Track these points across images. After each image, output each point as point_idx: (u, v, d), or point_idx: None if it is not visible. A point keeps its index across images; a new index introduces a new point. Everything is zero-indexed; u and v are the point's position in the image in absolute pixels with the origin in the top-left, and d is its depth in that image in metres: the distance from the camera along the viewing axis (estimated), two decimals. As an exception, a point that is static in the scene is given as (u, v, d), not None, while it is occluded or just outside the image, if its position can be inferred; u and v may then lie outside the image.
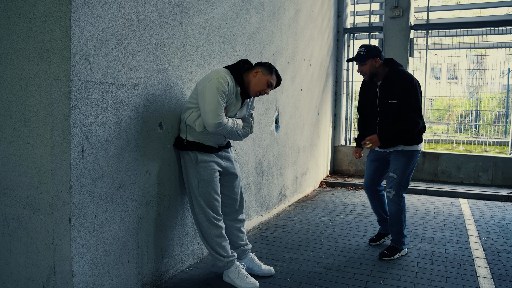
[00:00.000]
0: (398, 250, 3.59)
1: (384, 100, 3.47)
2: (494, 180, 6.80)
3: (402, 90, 3.39)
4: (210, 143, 2.95)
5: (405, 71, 3.50)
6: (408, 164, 3.49)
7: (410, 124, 3.38)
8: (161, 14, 2.84)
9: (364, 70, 3.49)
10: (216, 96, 2.72)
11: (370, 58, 3.44)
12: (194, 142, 2.91)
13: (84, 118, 2.29)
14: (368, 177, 3.81)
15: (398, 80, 3.43)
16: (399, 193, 3.52)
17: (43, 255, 2.37)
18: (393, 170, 3.53)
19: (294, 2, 5.29)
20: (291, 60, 5.27)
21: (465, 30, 7.42)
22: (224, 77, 2.77)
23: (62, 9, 2.21)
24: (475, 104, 9.19)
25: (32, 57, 2.31)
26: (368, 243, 3.95)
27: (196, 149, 2.91)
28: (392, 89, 3.44)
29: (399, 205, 3.53)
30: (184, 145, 2.93)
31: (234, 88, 2.86)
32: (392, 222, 3.61)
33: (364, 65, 3.47)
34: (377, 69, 3.48)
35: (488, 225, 4.69)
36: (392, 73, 3.47)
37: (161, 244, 2.99)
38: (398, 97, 3.40)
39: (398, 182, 3.50)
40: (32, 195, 2.38)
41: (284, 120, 5.12)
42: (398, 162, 3.50)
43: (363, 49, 3.45)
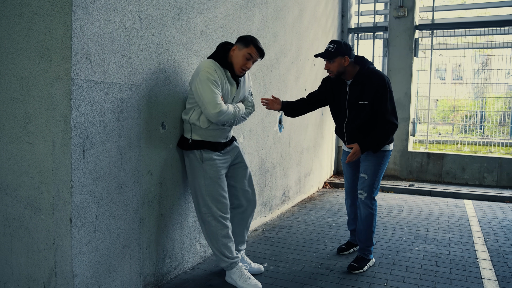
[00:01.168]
0: (367, 260, 3.36)
1: (354, 100, 3.23)
2: (499, 181, 6.74)
3: (376, 91, 3.15)
4: (217, 139, 2.93)
5: (376, 70, 3.25)
6: (380, 164, 3.31)
7: (389, 128, 3.18)
8: (163, 13, 2.83)
9: (332, 69, 3.20)
10: (209, 86, 2.71)
11: (339, 56, 3.16)
12: (200, 141, 2.89)
13: (85, 117, 2.28)
14: (348, 182, 3.61)
15: (370, 81, 3.17)
16: (372, 195, 3.32)
17: (44, 255, 2.36)
18: (363, 171, 3.33)
19: (298, 2, 5.26)
20: (295, 60, 5.25)
21: (471, 30, 7.37)
22: (209, 66, 2.77)
23: (63, 8, 2.19)
24: (480, 105, 9.12)
25: (33, 56, 2.30)
26: (337, 252, 3.71)
27: (201, 147, 2.89)
28: (363, 89, 3.19)
29: (371, 208, 3.33)
30: (189, 144, 2.91)
31: (223, 73, 2.83)
32: (362, 227, 3.37)
33: (333, 62, 3.18)
34: (346, 68, 3.20)
35: (493, 227, 4.64)
36: (363, 72, 3.21)
37: (163, 245, 2.97)
38: (370, 99, 3.16)
39: (370, 183, 3.30)
40: (33, 195, 2.36)
41: (287, 120, 5.09)
42: (368, 163, 3.30)
43: (333, 45, 3.16)
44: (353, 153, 3.21)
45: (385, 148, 3.31)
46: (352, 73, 3.24)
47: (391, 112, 3.20)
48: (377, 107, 3.19)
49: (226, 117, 2.77)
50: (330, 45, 3.20)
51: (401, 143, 7.25)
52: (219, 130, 2.92)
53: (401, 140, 7.25)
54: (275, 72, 4.68)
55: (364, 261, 3.35)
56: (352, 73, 3.24)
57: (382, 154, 3.31)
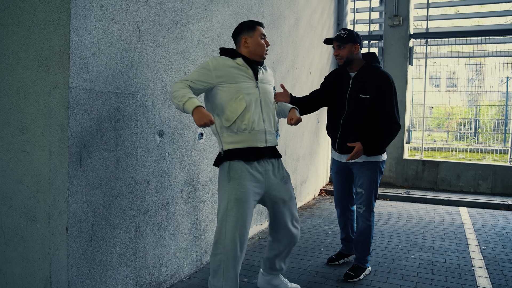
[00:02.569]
0: (363, 269, 3.35)
1: (355, 93, 3.14)
2: (494, 188, 6.78)
3: (377, 87, 3.08)
4: (250, 144, 2.57)
5: (382, 68, 3.20)
6: (374, 177, 3.21)
7: (394, 129, 3.09)
8: (161, 23, 2.84)
9: (342, 54, 3.14)
10: (195, 71, 2.54)
11: (351, 42, 3.12)
12: (230, 150, 2.55)
13: (82, 126, 2.28)
14: (338, 192, 3.50)
15: (374, 76, 3.12)
16: (370, 208, 3.26)
17: (39, 264, 2.35)
18: (359, 185, 3.24)
19: (294, 11, 5.30)
20: (291, 68, 5.28)
21: (464, 39, 7.45)
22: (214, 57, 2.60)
23: (61, 18, 2.20)
24: (474, 112, 9.19)
25: (31, 65, 2.30)
26: (326, 262, 3.64)
27: (231, 157, 2.54)
28: (366, 83, 3.13)
29: (369, 220, 3.27)
30: (221, 157, 2.58)
31: (231, 61, 2.59)
32: (360, 238, 3.32)
33: (343, 48, 3.13)
34: (354, 57, 3.16)
35: (488, 234, 4.66)
36: (368, 66, 3.17)
37: (159, 254, 2.96)
38: (371, 93, 3.08)
39: (367, 197, 3.23)
40: (29, 204, 2.36)
41: (283, 128, 5.11)
42: (363, 176, 3.21)
43: (345, 32, 3.15)
44: (356, 152, 3.04)
45: (377, 159, 3.19)
46: (358, 65, 3.20)
47: (397, 111, 3.12)
48: (379, 103, 3.08)
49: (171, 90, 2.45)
50: (341, 31, 3.17)
51: (396, 151, 7.29)
52: (251, 133, 2.57)
53: (396, 147, 7.29)
54: (271, 80, 4.70)
55: (361, 269, 3.35)
56: (358, 65, 3.20)
57: (375, 165, 3.20)
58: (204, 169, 3.42)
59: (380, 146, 3.10)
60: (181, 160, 3.13)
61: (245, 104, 2.54)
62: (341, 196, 3.50)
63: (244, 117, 2.55)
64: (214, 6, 3.45)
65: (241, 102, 2.54)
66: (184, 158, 3.16)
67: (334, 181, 3.52)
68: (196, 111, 2.30)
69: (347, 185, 3.44)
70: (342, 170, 3.39)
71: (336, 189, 3.51)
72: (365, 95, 3.11)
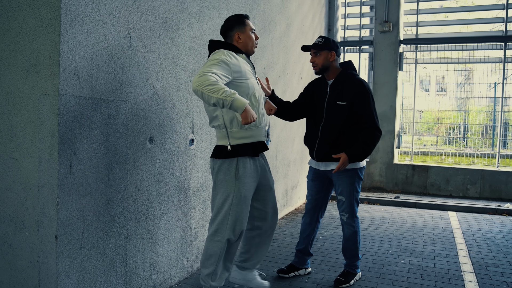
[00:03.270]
0: (353, 275, 3.36)
1: (333, 100, 3.16)
2: (482, 192, 6.86)
3: (355, 93, 3.09)
4: (257, 138, 2.68)
5: (356, 75, 3.22)
6: (354, 184, 3.21)
7: (376, 136, 3.11)
8: (152, 29, 2.84)
9: (317, 61, 3.18)
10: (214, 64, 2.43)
11: (326, 50, 3.15)
12: (239, 145, 2.61)
13: (72, 133, 2.27)
14: (312, 200, 3.42)
15: (350, 83, 3.15)
16: (353, 215, 3.25)
17: (27, 273, 2.32)
18: (339, 193, 3.24)
19: (285, 16, 5.33)
20: (282, 74, 5.30)
21: (453, 45, 7.54)
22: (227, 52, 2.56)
23: (51, 24, 2.19)
24: (463, 117, 9.29)
25: (20, 71, 2.29)
26: (277, 272, 3.50)
27: (241, 153, 2.60)
28: (343, 90, 3.15)
29: (353, 226, 3.27)
30: (227, 152, 2.61)
31: (241, 58, 2.67)
32: (347, 245, 3.32)
33: (319, 55, 3.17)
34: (330, 64, 3.18)
35: (477, 239, 4.71)
36: (345, 74, 3.20)
37: (149, 260, 2.95)
38: (349, 100, 3.10)
39: (349, 204, 3.22)
40: (17, 211, 2.33)
41: (275, 133, 5.12)
42: (342, 183, 3.21)
43: (321, 39, 3.18)
44: (342, 163, 3.05)
45: (355, 166, 3.18)
46: (335, 72, 3.23)
47: (376, 117, 3.14)
48: (358, 109, 3.09)
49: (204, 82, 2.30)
50: (318, 39, 3.21)
51: (386, 155, 7.34)
52: (258, 129, 2.69)
53: (386, 152, 7.34)
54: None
55: (351, 275, 3.36)
56: (335, 72, 3.23)
57: (354, 172, 3.20)
58: (195, 175, 3.41)
59: (365, 154, 3.09)
60: (172, 166, 3.12)
61: (257, 100, 2.67)
62: (315, 204, 3.42)
63: (256, 112, 2.65)
64: (205, 12, 3.46)
65: (254, 99, 2.65)
66: (175, 164, 3.15)
67: (310, 189, 3.44)
68: (247, 108, 2.34)
69: (323, 194, 3.39)
70: (319, 177, 3.36)
71: (311, 197, 3.42)
72: (342, 101, 3.13)
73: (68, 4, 2.20)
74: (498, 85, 7.92)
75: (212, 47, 2.71)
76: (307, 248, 3.49)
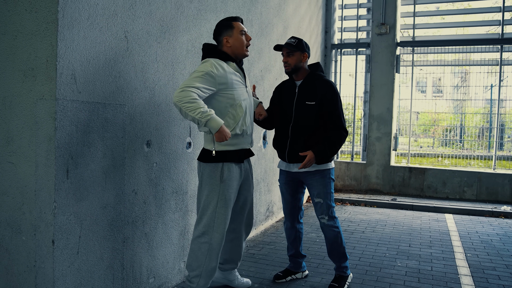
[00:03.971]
0: (345, 277, 3.33)
1: (302, 100, 3.16)
2: (479, 195, 6.88)
3: (324, 94, 3.10)
4: (242, 146, 2.78)
5: (326, 77, 3.25)
6: (328, 184, 3.20)
7: (342, 134, 3.12)
8: (149, 32, 2.84)
9: (290, 62, 3.16)
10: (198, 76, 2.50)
11: (299, 51, 3.15)
12: (224, 152, 2.70)
13: (69, 138, 2.26)
14: (287, 204, 3.39)
15: (320, 83, 3.16)
16: (332, 216, 3.22)
17: (24, 277, 2.31)
18: (316, 195, 3.21)
19: (282, 19, 5.33)
20: (279, 76, 5.30)
21: (450, 48, 7.57)
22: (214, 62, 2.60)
23: (49, 28, 2.19)
24: (459, 119, 9.33)
25: (17, 75, 2.28)
26: (273, 279, 3.48)
27: (225, 159, 2.69)
28: (312, 90, 3.15)
29: (335, 227, 3.23)
30: (212, 156, 2.69)
31: (228, 67, 2.69)
32: (333, 248, 3.28)
33: (292, 56, 3.15)
34: (301, 65, 3.19)
35: (473, 241, 4.72)
36: (314, 75, 3.22)
37: (146, 264, 2.94)
38: (318, 100, 3.10)
39: (326, 206, 3.20)
40: (14, 215, 2.32)
41: (270, 136, 5.12)
42: (317, 185, 3.19)
43: (295, 40, 3.17)
44: (308, 160, 3.05)
45: (328, 166, 3.20)
46: (304, 74, 3.24)
47: (343, 118, 3.17)
48: (327, 109, 3.10)
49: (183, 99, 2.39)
50: (291, 39, 3.20)
51: (383, 158, 7.36)
52: (244, 137, 2.78)
53: (383, 154, 7.35)
54: (260, 88, 4.71)
55: (343, 279, 3.31)
56: (304, 74, 3.24)
57: (326, 173, 3.21)
58: (192, 178, 3.41)
59: (331, 153, 3.10)
60: (169, 170, 3.12)
61: (243, 111, 2.72)
62: (291, 207, 3.39)
63: (242, 122, 2.73)
64: (202, 15, 3.46)
65: (240, 109, 2.70)
66: (172, 167, 3.15)
67: (284, 193, 3.40)
68: (221, 129, 2.47)
69: (297, 196, 3.37)
70: (291, 180, 3.32)
71: (286, 201, 3.40)
72: (311, 101, 3.14)
73: (65, 8, 2.20)
74: (495, 87, 7.96)
75: (204, 51, 2.74)
76: (298, 252, 3.48)
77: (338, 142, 3.12)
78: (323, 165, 3.18)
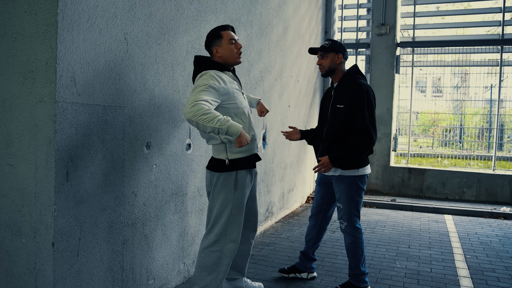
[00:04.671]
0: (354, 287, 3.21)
1: (334, 103, 3.16)
2: (478, 196, 6.88)
3: (351, 96, 3.04)
4: (252, 151, 2.79)
5: (359, 79, 3.15)
6: (351, 191, 3.11)
7: (362, 141, 3.00)
8: (149, 34, 2.83)
9: (324, 64, 3.18)
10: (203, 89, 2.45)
11: (333, 52, 3.16)
12: (237, 159, 2.69)
13: (69, 140, 2.26)
14: (316, 203, 3.40)
15: (349, 86, 3.11)
16: (352, 224, 3.14)
17: (24, 280, 2.31)
18: (337, 199, 3.19)
19: (282, 19, 5.33)
20: (279, 77, 5.30)
21: (449, 48, 7.57)
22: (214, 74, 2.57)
23: (48, 30, 2.18)
24: (459, 119, 9.33)
25: (16, 77, 2.28)
26: (278, 271, 3.58)
27: (238, 167, 2.69)
28: (342, 93, 3.12)
29: (353, 236, 3.15)
30: (226, 165, 2.67)
31: (224, 76, 2.66)
32: (348, 255, 3.22)
33: (325, 58, 3.17)
34: (337, 66, 3.19)
35: (473, 243, 4.73)
36: (348, 76, 3.18)
37: (146, 266, 2.94)
38: (346, 103, 3.06)
39: (347, 212, 3.13)
40: (14, 218, 2.32)
41: (271, 137, 5.12)
42: (339, 190, 3.15)
43: (328, 42, 3.19)
44: (321, 164, 3.06)
45: (352, 173, 3.09)
46: (340, 75, 3.22)
47: (370, 122, 3.03)
48: (353, 113, 3.04)
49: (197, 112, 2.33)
50: (326, 41, 3.22)
51: (383, 158, 7.36)
52: (252, 142, 2.78)
53: (383, 155, 7.36)
54: (259, 89, 4.71)
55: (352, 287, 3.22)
56: (340, 75, 3.22)
57: (350, 180, 3.10)
58: (192, 180, 3.41)
59: (347, 156, 3.02)
60: (169, 172, 3.12)
61: (247, 117, 2.76)
62: (319, 209, 3.40)
63: (248, 128, 2.76)
64: (202, 17, 3.45)
65: (244, 116, 2.73)
66: (172, 169, 3.15)
67: (315, 192, 3.43)
68: (242, 134, 2.47)
69: (327, 199, 3.36)
70: (324, 181, 3.33)
71: (316, 200, 3.42)
72: (340, 105, 3.11)
73: (65, 10, 2.20)
74: (494, 87, 7.96)
75: (197, 64, 2.71)
76: (309, 252, 3.48)
77: (357, 147, 3.00)
78: (348, 171, 3.10)
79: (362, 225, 5.30)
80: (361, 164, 3.11)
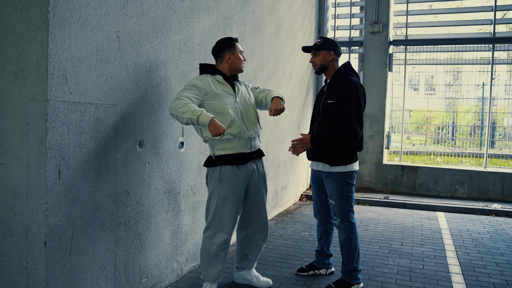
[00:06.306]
0: (349, 285, 3.21)
1: (326, 99, 3.18)
2: (470, 193, 6.94)
3: (340, 92, 3.08)
4: (238, 150, 2.95)
5: (350, 75, 3.18)
6: (341, 187, 3.14)
7: (347, 131, 3.02)
8: (141, 32, 2.82)
9: (316, 61, 3.24)
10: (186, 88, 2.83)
11: (325, 50, 3.21)
12: (222, 156, 2.93)
13: (61, 139, 2.25)
14: (315, 201, 3.49)
15: (339, 81, 3.15)
16: (346, 219, 3.16)
17: (16, 279, 2.30)
18: (329, 196, 3.22)
19: (275, 17, 5.33)
20: (272, 75, 5.30)
21: (442, 47, 7.62)
22: (197, 77, 2.94)
23: (39, 28, 2.17)
24: (451, 117, 9.39)
25: (7, 76, 2.26)
26: (296, 272, 3.62)
27: (223, 162, 2.92)
28: (333, 89, 3.16)
29: (347, 231, 3.17)
30: (213, 161, 2.95)
31: (213, 79, 2.96)
32: (342, 251, 3.23)
33: (318, 55, 3.23)
34: (329, 63, 3.23)
35: (464, 239, 4.77)
36: (339, 73, 3.22)
37: (139, 264, 2.94)
38: (335, 98, 3.09)
39: (340, 208, 3.16)
40: (5, 217, 2.31)
41: (264, 135, 5.13)
42: (330, 187, 3.19)
43: (320, 40, 3.25)
44: (300, 139, 3.09)
45: (340, 169, 3.13)
46: (332, 72, 3.26)
47: (356, 118, 3.05)
48: (340, 107, 3.08)
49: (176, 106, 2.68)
50: (318, 39, 3.28)
51: (376, 156, 7.39)
52: (240, 141, 2.95)
53: (376, 153, 7.39)
54: (253, 87, 4.71)
55: (346, 285, 3.22)
56: (332, 72, 3.26)
57: (339, 176, 3.14)
58: (185, 178, 3.41)
59: (326, 142, 3.05)
60: (162, 170, 3.11)
61: (231, 117, 2.90)
62: (319, 206, 3.46)
63: (231, 128, 2.91)
64: (195, 15, 3.44)
65: (227, 116, 2.89)
66: (165, 167, 3.14)
67: (312, 190, 3.51)
68: (212, 122, 2.64)
69: (323, 196, 3.39)
70: (316, 179, 3.38)
71: (313, 199, 3.51)
72: (330, 100, 3.14)
73: (56, 8, 2.18)
74: (486, 85, 8.02)
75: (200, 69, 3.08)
76: (323, 249, 3.55)
77: (338, 137, 3.03)
78: (336, 167, 3.14)
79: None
80: (349, 161, 3.15)
